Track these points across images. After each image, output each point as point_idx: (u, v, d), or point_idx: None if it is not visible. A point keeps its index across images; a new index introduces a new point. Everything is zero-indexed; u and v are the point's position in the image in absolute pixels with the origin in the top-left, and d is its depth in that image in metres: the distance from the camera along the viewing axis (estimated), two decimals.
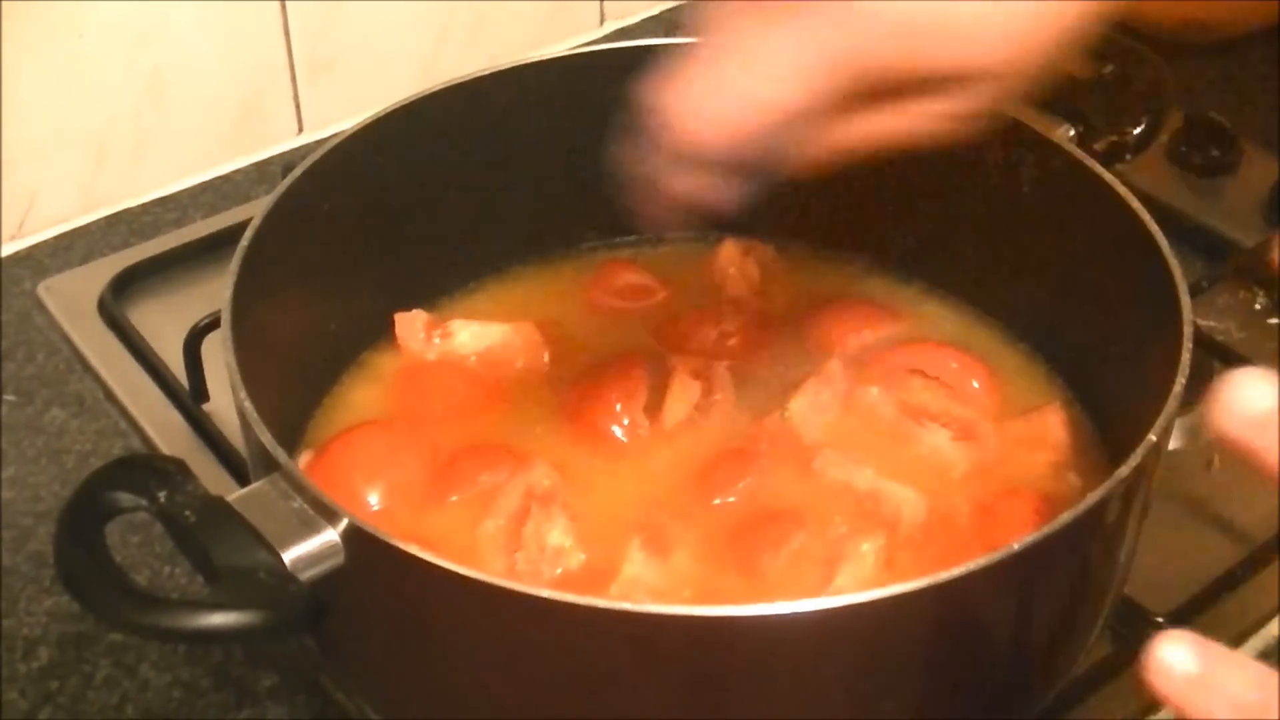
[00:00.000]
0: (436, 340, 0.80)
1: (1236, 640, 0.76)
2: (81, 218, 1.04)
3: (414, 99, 0.78)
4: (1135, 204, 0.70)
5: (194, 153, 1.07)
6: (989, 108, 0.59)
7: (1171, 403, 0.62)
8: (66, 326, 0.94)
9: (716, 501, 0.72)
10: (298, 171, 0.73)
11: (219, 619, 0.54)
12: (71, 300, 0.96)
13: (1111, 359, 0.74)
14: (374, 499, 0.72)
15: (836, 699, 0.58)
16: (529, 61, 0.81)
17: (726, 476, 0.73)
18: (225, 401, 0.66)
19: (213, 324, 0.84)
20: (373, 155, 0.77)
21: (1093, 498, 0.57)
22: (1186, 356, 0.64)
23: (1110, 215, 0.71)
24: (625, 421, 0.75)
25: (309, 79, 1.10)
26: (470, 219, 0.84)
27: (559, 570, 0.68)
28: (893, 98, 0.58)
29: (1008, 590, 0.58)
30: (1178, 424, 0.63)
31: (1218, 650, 0.45)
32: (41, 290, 0.97)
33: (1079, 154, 0.74)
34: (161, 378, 0.89)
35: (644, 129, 0.57)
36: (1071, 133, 0.93)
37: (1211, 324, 0.92)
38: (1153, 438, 0.60)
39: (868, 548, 0.68)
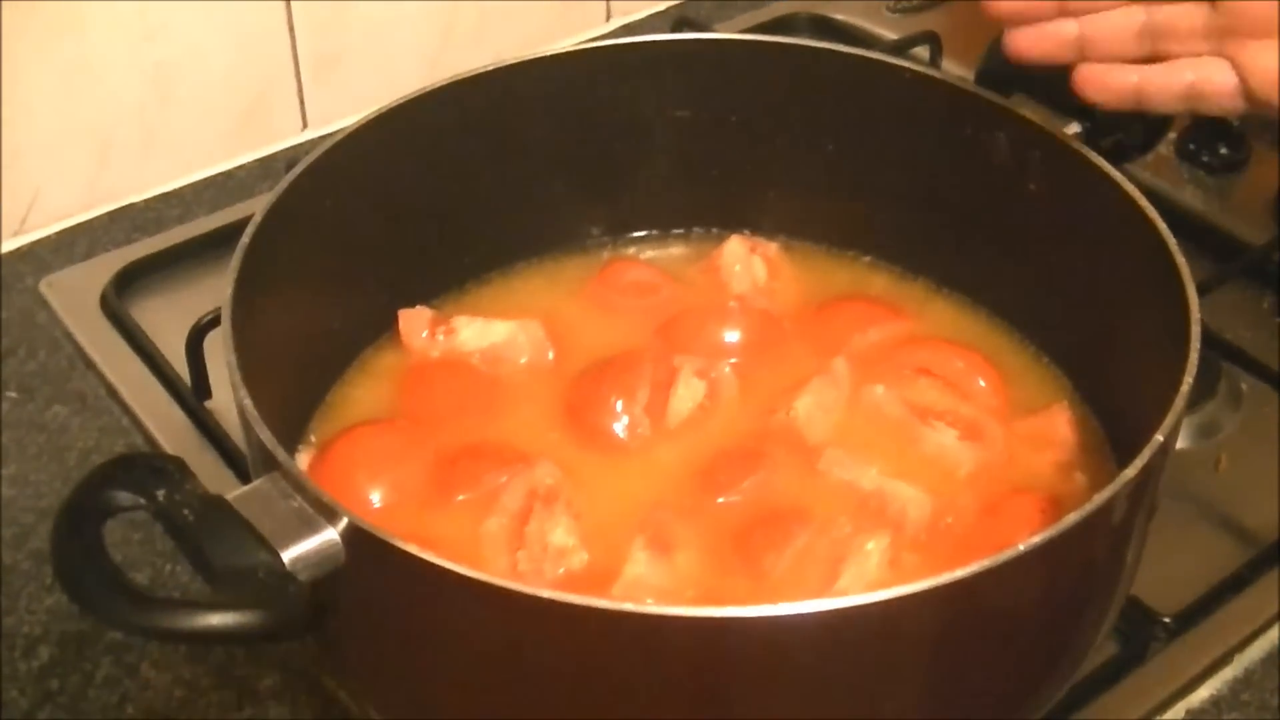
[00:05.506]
0: (440, 338, 0.80)
1: (1243, 642, 0.75)
2: (84, 214, 1.04)
3: (418, 95, 0.78)
4: (1143, 202, 0.70)
5: (198, 149, 1.07)
6: None
7: (1179, 402, 0.61)
8: (69, 323, 0.94)
9: (720, 501, 0.72)
10: (299, 168, 0.73)
11: (216, 620, 0.54)
12: (74, 296, 0.96)
13: (1119, 358, 0.74)
14: (376, 498, 0.71)
15: (841, 700, 0.57)
16: (534, 57, 0.81)
17: (730, 475, 0.72)
18: (228, 399, 0.66)
19: (215, 321, 0.83)
20: (376, 151, 0.77)
21: (1099, 499, 0.57)
22: (1194, 355, 0.63)
23: (1118, 213, 0.71)
24: (626, 420, 0.74)
25: (314, 75, 1.09)
26: (475, 215, 0.83)
27: (561, 570, 0.68)
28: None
29: (1014, 591, 0.58)
30: (1185, 423, 0.63)
31: None
32: (44, 286, 0.97)
33: (1087, 151, 0.73)
34: (164, 374, 0.89)
35: None
36: (1079, 129, 0.93)
37: (1220, 323, 0.91)
38: (1159, 438, 0.60)
39: (873, 547, 0.67)
